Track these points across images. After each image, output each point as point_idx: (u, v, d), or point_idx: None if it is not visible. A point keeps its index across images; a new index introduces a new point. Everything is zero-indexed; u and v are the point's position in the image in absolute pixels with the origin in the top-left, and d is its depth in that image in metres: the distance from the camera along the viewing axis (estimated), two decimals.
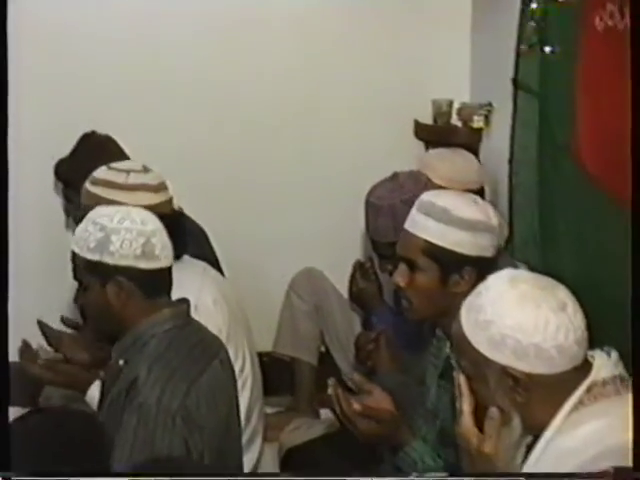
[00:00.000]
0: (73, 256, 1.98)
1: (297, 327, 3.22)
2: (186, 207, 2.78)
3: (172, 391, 1.89)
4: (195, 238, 2.74)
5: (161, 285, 2.00)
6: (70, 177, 2.82)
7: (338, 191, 3.36)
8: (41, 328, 2.34)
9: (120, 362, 1.98)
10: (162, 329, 1.97)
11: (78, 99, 3.12)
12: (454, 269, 1.99)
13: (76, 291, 2.05)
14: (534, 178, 2.67)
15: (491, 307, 1.58)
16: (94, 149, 2.87)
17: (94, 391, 2.16)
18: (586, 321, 1.60)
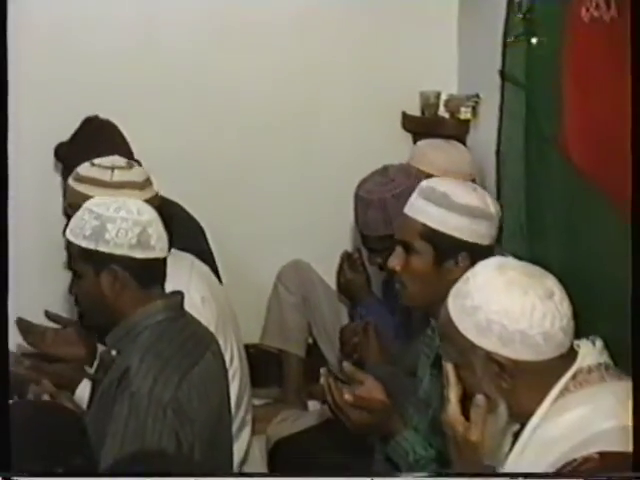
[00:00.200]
0: (68, 244, 2.00)
1: (285, 319, 3.23)
2: (175, 201, 2.82)
3: (164, 382, 1.90)
4: (188, 231, 2.76)
5: (155, 276, 2.02)
6: (70, 158, 2.79)
7: (325, 183, 3.37)
8: (21, 327, 2.33)
9: (113, 352, 1.99)
10: (155, 320, 1.99)
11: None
12: (450, 254, 2.03)
13: (70, 281, 2.06)
14: (521, 170, 2.68)
15: (478, 293, 1.60)
16: (96, 132, 2.89)
17: (83, 390, 2.17)
18: (573, 310, 1.62)
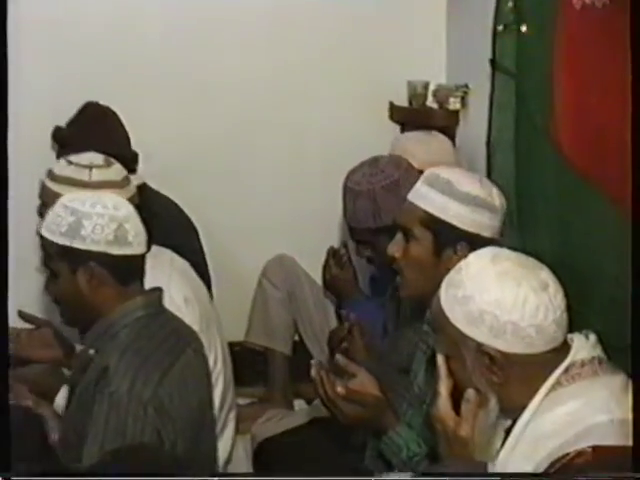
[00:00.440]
0: (43, 242, 1.99)
1: (270, 316, 3.22)
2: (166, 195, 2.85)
3: (144, 380, 1.90)
4: (179, 228, 2.79)
5: (134, 272, 2.01)
6: (68, 140, 2.82)
7: (312, 176, 3.36)
8: None
9: (90, 351, 1.99)
10: (134, 317, 1.99)
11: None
12: (449, 243, 2.03)
13: (46, 279, 2.05)
14: (511, 161, 2.68)
15: (471, 283, 1.60)
16: (95, 117, 2.90)
17: (62, 398, 2.16)
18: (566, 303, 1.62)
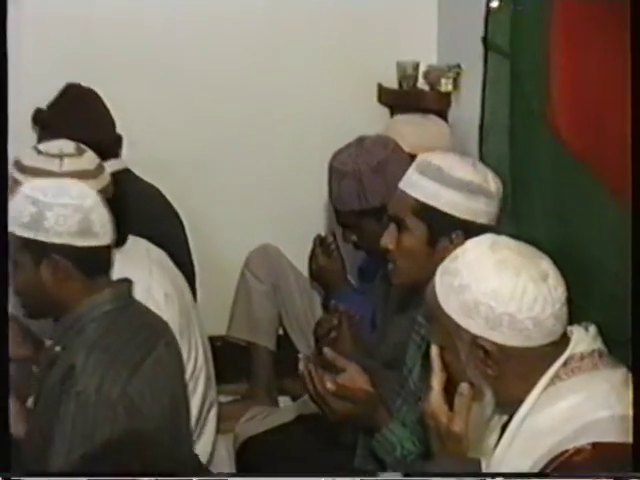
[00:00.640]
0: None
1: (253, 309, 3.21)
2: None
3: (113, 379, 1.88)
4: (164, 220, 2.81)
5: (100, 264, 2.00)
6: (49, 122, 2.85)
7: (298, 162, 3.34)
8: None
9: (56, 348, 1.96)
10: (102, 311, 1.97)
11: None
12: (443, 232, 2.01)
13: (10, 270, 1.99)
14: (505, 146, 2.67)
15: (467, 271, 1.58)
16: (76, 98, 2.91)
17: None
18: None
